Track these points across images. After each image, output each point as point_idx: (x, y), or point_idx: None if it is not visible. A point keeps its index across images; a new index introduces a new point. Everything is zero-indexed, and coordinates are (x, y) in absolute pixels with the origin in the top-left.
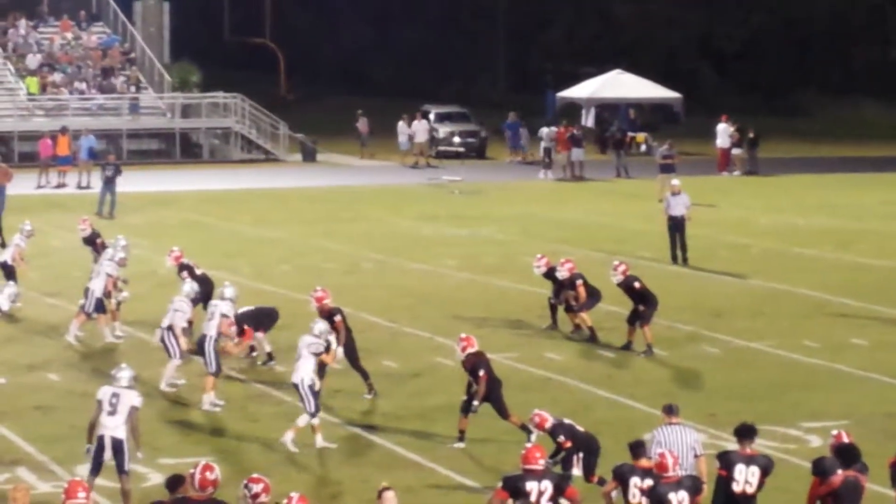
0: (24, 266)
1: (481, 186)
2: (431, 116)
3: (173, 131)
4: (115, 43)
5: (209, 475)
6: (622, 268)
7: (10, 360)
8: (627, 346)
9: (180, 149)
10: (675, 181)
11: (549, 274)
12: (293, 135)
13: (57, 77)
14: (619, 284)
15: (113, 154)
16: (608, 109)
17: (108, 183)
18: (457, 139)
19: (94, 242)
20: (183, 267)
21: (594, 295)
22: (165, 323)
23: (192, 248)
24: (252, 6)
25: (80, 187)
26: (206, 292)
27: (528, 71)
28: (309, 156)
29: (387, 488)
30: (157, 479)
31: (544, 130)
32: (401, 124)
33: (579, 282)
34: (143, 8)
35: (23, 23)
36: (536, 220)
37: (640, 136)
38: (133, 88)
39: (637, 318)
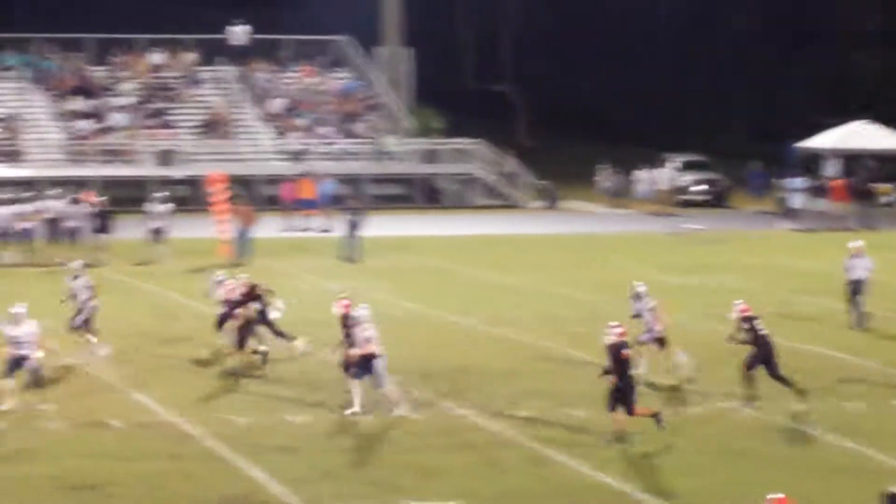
0: None
1: (722, 235)
2: (672, 164)
3: (415, 177)
4: (356, 88)
5: None
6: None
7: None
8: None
9: (422, 194)
10: (858, 242)
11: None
12: (535, 181)
13: (299, 122)
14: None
15: (356, 199)
16: (853, 160)
17: (353, 227)
18: (697, 187)
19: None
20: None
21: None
22: None
23: (431, 291)
24: (491, 54)
25: (321, 231)
26: None
27: (770, 121)
28: (550, 202)
29: None
30: None
31: (785, 181)
32: (639, 173)
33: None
34: (386, 54)
35: (265, 68)
36: (776, 270)
37: (885, 187)
38: (376, 134)
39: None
